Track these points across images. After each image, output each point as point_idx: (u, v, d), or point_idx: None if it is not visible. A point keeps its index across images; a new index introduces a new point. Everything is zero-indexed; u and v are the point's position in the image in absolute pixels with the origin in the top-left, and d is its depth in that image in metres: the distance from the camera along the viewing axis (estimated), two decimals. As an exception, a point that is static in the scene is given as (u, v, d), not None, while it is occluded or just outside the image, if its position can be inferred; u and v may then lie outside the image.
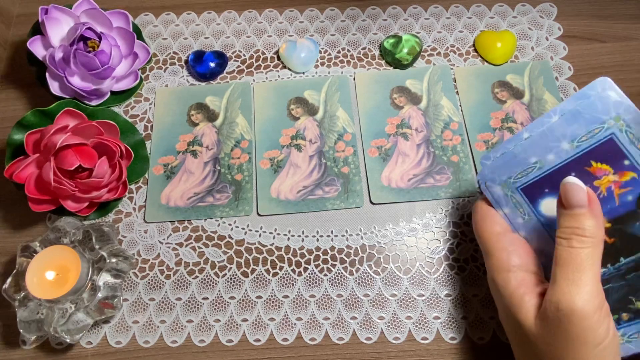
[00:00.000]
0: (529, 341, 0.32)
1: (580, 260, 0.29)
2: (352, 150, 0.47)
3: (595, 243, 0.29)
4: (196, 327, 0.42)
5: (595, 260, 0.29)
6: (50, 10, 0.46)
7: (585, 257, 0.29)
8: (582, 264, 0.29)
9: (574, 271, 0.29)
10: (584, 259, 0.29)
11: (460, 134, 0.48)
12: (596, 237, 0.29)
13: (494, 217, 0.37)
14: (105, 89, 0.48)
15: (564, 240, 0.30)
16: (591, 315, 0.28)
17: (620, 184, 0.32)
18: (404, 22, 0.54)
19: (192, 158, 0.48)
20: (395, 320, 0.41)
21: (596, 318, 0.28)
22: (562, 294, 0.29)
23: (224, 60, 0.52)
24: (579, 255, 0.29)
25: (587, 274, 0.29)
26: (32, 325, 0.38)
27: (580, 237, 0.29)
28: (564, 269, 0.29)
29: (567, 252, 0.29)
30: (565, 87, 0.50)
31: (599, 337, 0.28)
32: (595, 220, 0.29)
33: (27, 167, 0.41)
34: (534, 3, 0.54)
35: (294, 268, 0.43)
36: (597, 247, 0.29)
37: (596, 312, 0.28)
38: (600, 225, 0.30)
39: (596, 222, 0.29)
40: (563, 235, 0.30)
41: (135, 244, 0.45)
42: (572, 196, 0.30)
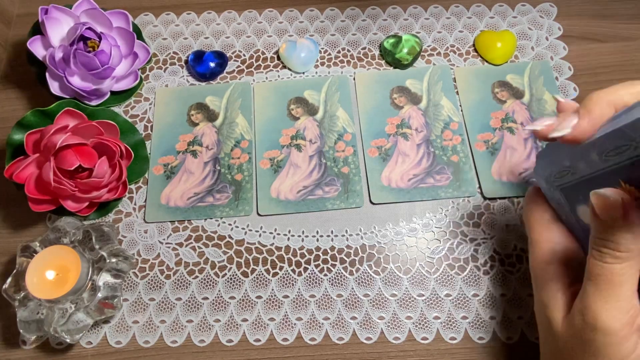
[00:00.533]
0: (555, 339, 0.31)
1: (612, 276, 0.27)
2: (352, 150, 0.47)
3: (630, 257, 0.27)
4: (196, 327, 0.42)
5: (630, 275, 0.27)
6: (50, 10, 0.46)
7: (617, 273, 0.27)
8: (613, 280, 0.27)
9: (603, 288, 0.27)
10: (615, 275, 0.27)
11: (460, 134, 0.48)
12: (632, 250, 0.26)
13: (544, 205, 0.34)
14: (105, 89, 0.48)
15: (596, 252, 0.27)
16: (617, 332, 0.27)
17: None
18: (404, 22, 0.54)
19: (192, 158, 0.48)
20: (395, 320, 0.41)
21: (623, 334, 0.27)
22: (589, 307, 0.28)
23: (224, 60, 0.52)
24: (611, 270, 0.27)
25: (619, 289, 0.27)
26: (32, 325, 0.38)
27: (612, 251, 0.27)
28: (594, 284, 0.27)
29: (599, 267, 0.27)
30: (565, 87, 0.50)
31: (624, 352, 0.27)
32: (630, 232, 0.26)
33: (27, 167, 0.41)
34: (534, 3, 0.54)
35: (294, 268, 0.43)
36: (632, 260, 0.27)
37: (624, 328, 0.27)
38: (637, 237, 0.26)
39: (632, 234, 0.26)
40: (595, 247, 0.28)
41: (135, 244, 0.45)
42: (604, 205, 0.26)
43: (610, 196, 0.26)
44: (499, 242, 0.44)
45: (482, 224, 0.44)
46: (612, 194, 0.26)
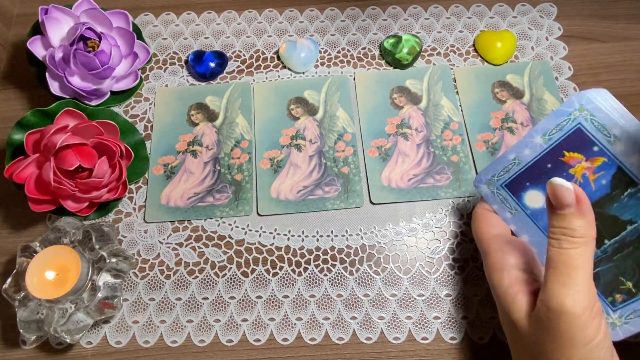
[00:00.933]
0: (522, 339, 0.32)
1: (571, 261, 0.29)
2: (352, 150, 0.47)
3: (585, 242, 0.29)
4: (196, 327, 0.42)
5: (586, 259, 0.29)
6: (50, 10, 0.46)
7: (575, 257, 0.29)
8: (572, 265, 0.29)
9: (563, 272, 0.29)
10: (574, 259, 0.29)
11: (460, 134, 0.48)
12: (586, 235, 0.29)
13: (491, 219, 0.38)
14: (105, 89, 0.48)
15: (554, 240, 0.30)
16: (580, 315, 0.28)
17: (593, 170, 0.34)
18: (404, 22, 0.54)
19: (192, 158, 0.48)
20: (395, 320, 0.41)
21: (585, 317, 0.28)
22: (552, 295, 0.29)
23: (224, 60, 0.52)
24: (569, 256, 0.29)
25: (577, 273, 0.29)
26: (32, 325, 0.38)
27: (569, 237, 0.29)
28: (555, 270, 0.29)
29: (558, 254, 0.29)
30: (565, 87, 0.50)
31: (588, 337, 0.29)
32: (584, 219, 0.29)
33: (27, 167, 0.41)
34: (534, 3, 0.54)
35: (294, 268, 0.43)
36: (587, 245, 0.29)
37: (585, 311, 0.28)
38: (590, 223, 0.29)
39: (585, 220, 0.29)
40: (553, 236, 0.30)
41: (135, 244, 0.45)
42: (559, 197, 0.29)
43: (563, 184, 0.29)
44: (499, 242, 0.44)
45: (482, 224, 0.44)
46: (565, 182, 0.29)
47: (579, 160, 0.34)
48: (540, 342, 0.30)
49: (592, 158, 0.34)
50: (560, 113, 0.35)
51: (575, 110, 0.34)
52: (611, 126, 0.33)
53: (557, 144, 0.35)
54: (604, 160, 0.33)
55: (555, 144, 0.35)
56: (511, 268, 0.34)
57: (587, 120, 0.34)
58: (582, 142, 0.34)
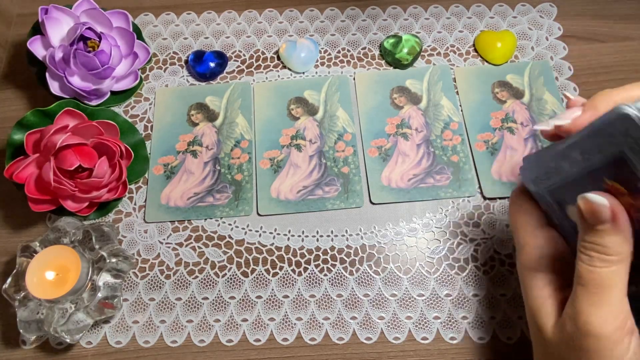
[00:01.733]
0: (546, 345, 0.31)
1: (601, 280, 0.27)
2: (352, 150, 0.47)
3: (620, 260, 0.26)
4: (196, 327, 0.42)
5: (620, 279, 0.27)
6: (50, 10, 0.46)
7: (607, 277, 0.26)
8: (603, 284, 0.27)
9: (593, 292, 0.27)
10: (605, 279, 0.26)
11: (460, 133, 0.48)
12: (621, 254, 0.26)
13: (531, 208, 0.33)
14: (105, 89, 0.48)
15: (585, 256, 0.27)
16: (609, 337, 0.27)
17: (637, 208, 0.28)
18: (404, 22, 0.54)
19: (192, 158, 0.48)
20: (395, 320, 0.41)
21: (615, 338, 0.27)
22: (580, 312, 0.27)
23: (224, 60, 0.52)
24: (601, 274, 0.27)
25: (609, 294, 0.27)
26: (32, 325, 0.38)
27: (602, 255, 0.26)
28: (584, 288, 0.27)
29: (588, 271, 0.27)
30: (565, 87, 0.50)
31: (617, 356, 0.27)
32: (619, 236, 0.26)
33: (27, 167, 0.41)
34: (534, 3, 0.54)
35: (294, 268, 0.43)
36: (621, 264, 0.26)
37: (615, 332, 0.27)
38: (626, 240, 0.26)
39: (621, 238, 0.26)
40: (584, 251, 0.27)
41: (135, 244, 0.45)
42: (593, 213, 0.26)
43: (598, 201, 0.26)
44: (499, 242, 0.44)
45: (482, 224, 0.44)
46: (600, 198, 0.26)
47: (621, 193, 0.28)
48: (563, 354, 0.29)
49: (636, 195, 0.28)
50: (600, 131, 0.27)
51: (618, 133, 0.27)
52: None
53: (596, 167, 0.29)
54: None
55: (594, 167, 0.29)
56: (546, 270, 0.32)
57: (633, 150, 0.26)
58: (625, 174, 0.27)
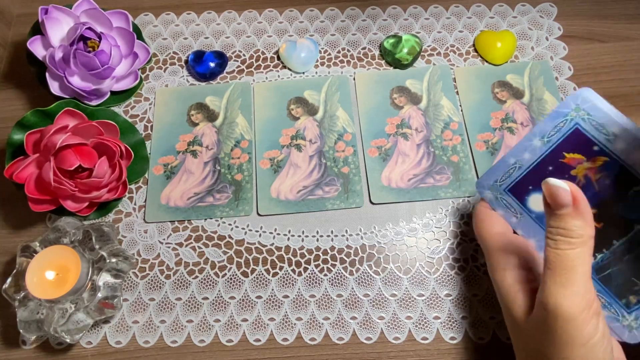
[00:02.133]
0: (523, 338, 0.32)
1: (567, 262, 0.29)
2: (352, 150, 0.47)
3: (583, 242, 0.29)
4: (196, 327, 0.42)
5: (584, 260, 0.29)
6: (50, 10, 0.46)
7: (573, 258, 0.29)
8: (568, 265, 0.29)
9: (560, 273, 0.29)
10: (571, 260, 0.29)
11: (460, 134, 0.48)
12: (583, 235, 0.29)
13: (492, 218, 0.38)
14: (105, 89, 0.48)
15: (551, 241, 0.30)
16: (577, 316, 0.28)
17: (595, 170, 0.33)
18: (404, 22, 0.54)
19: (192, 158, 0.48)
20: (395, 320, 0.41)
21: (582, 318, 0.28)
22: (549, 295, 0.29)
23: (224, 60, 0.52)
24: (566, 256, 0.29)
25: (575, 274, 0.29)
26: (32, 325, 0.38)
27: (566, 238, 0.29)
28: (552, 271, 0.29)
29: (554, 254, 0.29)
30: (565, 87, 0.50)
31: (585, 337, 0.29)
32: (581, 219, 0.29)
33: (27, 167, 0.41)
34: (534, 3, 0.54)
35: (294, 268, 0.43)
36: (585, 245, 0.29)
37: (583, 312, 0.28)
38: (588, 223, 0.29)
39: (583, 220, 0.29)
40: (550, 236, 0.30)
41: (135, 244, 0.45)
42: (555, 197, 0.29)
43: (558, 184, 0.29)
44: (499, 242, 0.44)
45: (482, 224, 0.44)
46: (561, 182, 0.29)
47: (579, 161, 0.34)
48: (539, 342, 0.31)
49: (593, 158, 0.33)
50: (557, 115, 0.34)
51: (571, 110, 0.34)
52: (609, 124, 0.32)
53: (556, 146, 0.34)
54: (606, 160, 0.33)
55: (554, 146, 0.34)
56: (513, 267, 0.34)
57: (584, 120, 0.33)
58: (582, 143, 0.33)
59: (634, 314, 0.33)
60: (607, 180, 0.33)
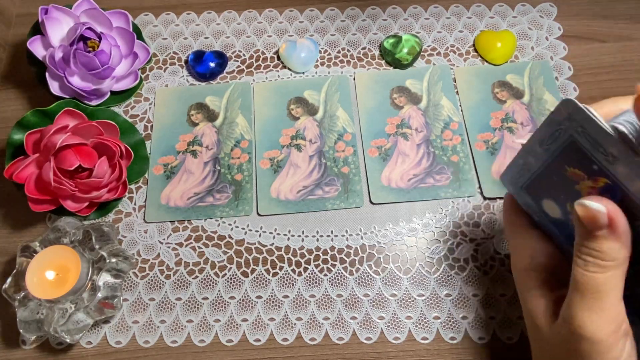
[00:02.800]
0: (542, 344, 0.31)
1: (596, 286, 0.26)
2: (352, 150, 0.47)
3: (616, 265, 0.26)
4: (196, 327, 0.42)
5: (616, 284, 0.27)
6: (50, 10, 0.46)
7: (602, 282, 0.26)
8: (597, 289, 0.26)
9: (590, 297, 0.27)
10: (600, 284, 0.26)
11: (460, 133, 0.48)
12: (617, 259, 0.26)
13: (520, 212, 0.35)
14: (105, 89, 0.48)
15: (581, 261, 0.27)
16: (604, 340, 0.27)
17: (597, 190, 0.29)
18: (404, 22, 0.54)
19: (192, 158, 0.48)
20: (395, 320, 0.41)
21: (609, 342, 0.27)
22: (574, 316, 0.27)
23: (224, 60, 0.52)
24: (596, 280, 0.26)
25: (604, 299, 0.26)
26: (32, 325, 0.38)
27: (598, 260, 0.26)
28: (580, 293, 0.27)
29: (582, 275, 0.27)
30: (565, 87, 0.50)
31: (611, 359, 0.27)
32: (617, 242, 0.26)
33: (27, 167, 0.41)
34: (534, 3, 0.54)
35: (294, 268, 0.43)
36: (618, 269, 0.26)
37: (610, 337, 0.27)
38: (624, 245, 0.26)
39: (618, 244, 0.26)
40: (580, 255, 0.27)
41: (135, 244, 0.45)
42: (591, 219, 0.26)
43: (594, 207, 0.26)
44: (499, 242, 0.44)
45: (482, 224, 0.44)
46: (597, 204, 0.26)
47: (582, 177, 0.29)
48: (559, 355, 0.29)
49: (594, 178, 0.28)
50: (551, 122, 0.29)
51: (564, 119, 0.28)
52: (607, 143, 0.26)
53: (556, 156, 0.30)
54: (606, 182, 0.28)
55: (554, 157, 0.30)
56: (539, 269, 0.32)
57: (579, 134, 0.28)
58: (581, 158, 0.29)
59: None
60: None
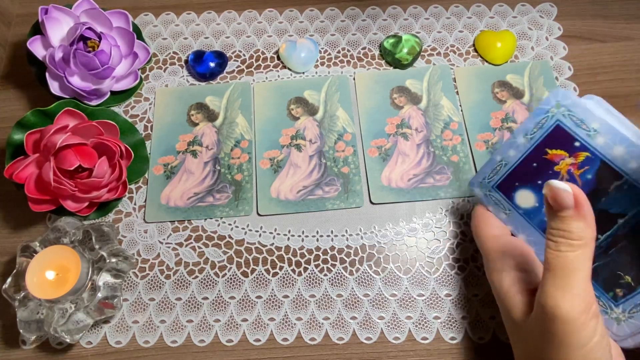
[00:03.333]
0: (522, 339, 0.32)
1: (568, 264, 0.28)
2: (352, 150, 0.47)
3: (584, 244, 0.29)
4: (196, 327, 0.42)
5: (584, 262, 0.29)
6: (50, 10, 0.46)
7: (573, 260, 0.28)
8: (568, 267, 0.28)
9: (560, 275, 0.29)
10: (571, 262, 0.28)
11: (460, 133, 0.48)
12: (584, 238, 0.28)
13: (490, 220, 0.38)
14: (105, 89, 0.48)
15: (552, 242, 0.29)
16: (576, 319, 0.28)
17: (577, 165, 0.34)
18: (404, 22, 0.54)
19: (192, 158, 0.48)
20: (395, 320, 0.41)
21: (582, 321, 0.28)
22: (547, 297, 0.29)
23: (223, 60, 0.52)
24: (566, 258, 0.29)
25: (575, 277, 0.28)
26: (32, 325, 0.38)
27: (567, 240, 0.29)
28: (552, 273, 0.29)
29: (554, 256, 0.29)
30: (565, 87, 0.50)
31: (584, 339, 0.28)
32: (583, 221, 0.28)
33: (27, 167, 0.41)
34: (534, 3, 0.54)
35: (294, 268, 0.43)
36: (586, 247, 0.29)
37: (581, 314, 0.28)
38: (589, 225, 0.29)
39: (585, 223, 0.28)
40: (551, 238, 0.29)
41: (135, 244, 0.45)
42: (557, 199, 0.29)
43: (561, 186, 0.29)
44: (499, 242, 0.44)
45: (482, 224, 0.44)
46: (563, 184, 0.29)
47: (562, 157, 0.34)
48: (537, 343, 0.30)
49: (575, 154, 0.34)
50: (538, 112, 0.35)
51: (552, 107, 0.35)
52: (590, 120, 0.33)
53: (539, 142, 0.35)
54: (587, 155, 0.33)
55: (537, 143, 0.35)
56: (511, 269, 0.34)
57: (565, 116, 0.34)
58: (563, 139, 0.34)
59: (621, 306, 0.33)
60: (588, 175, 0.34)
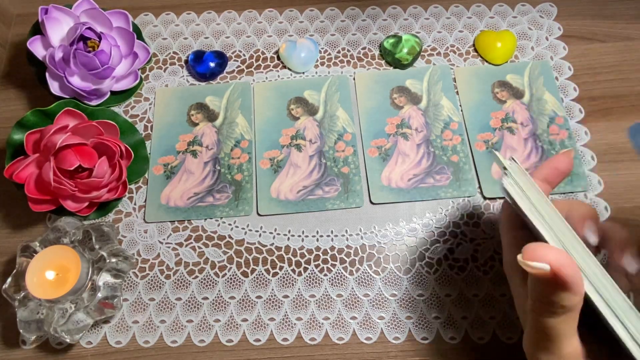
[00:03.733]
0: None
1: (548, 330, 0.26)
2: (352, 150, 0.47)
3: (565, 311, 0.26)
4: (196, 327, 0.42)
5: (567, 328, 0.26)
6: (50, 10, 0.46)
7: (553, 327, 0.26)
8: (550, 334, 0.26)
9: (541, 339, 0.27)
10: (551, 329, 0.26)
11: (460, 133, 0.48)
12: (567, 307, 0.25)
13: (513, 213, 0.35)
14: (105, 89, 0.48)
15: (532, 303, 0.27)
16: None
17: None
18: (404, 22, 0.54)
19: (192, 158, 0.48)
20: (395, 320, 0.41)
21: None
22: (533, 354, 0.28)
23: (224, 60, 0.52)
24: (545, 324, 0.26)
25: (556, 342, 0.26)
26: (32, 325, 0.38)
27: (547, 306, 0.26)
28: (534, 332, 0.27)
29: (536, 320, 0.27)
30: (565, 87, 0.50)
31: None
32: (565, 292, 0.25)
33: (27, 167, 0.41)
34: (534, 3, 0.54)
35: (294, 268, 0.43)
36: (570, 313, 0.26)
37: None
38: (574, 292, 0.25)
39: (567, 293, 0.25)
40: (532, 299, 0.27)
41: (135, 244, 0.45)
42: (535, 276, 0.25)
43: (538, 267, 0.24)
44: (499, 242, 0.44)
45: (482, 224, 0.44)
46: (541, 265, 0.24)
47: None
48: None
49: None
50: None
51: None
52: None
53: None
54: None
55: None
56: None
57: None
58: None
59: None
60: None
